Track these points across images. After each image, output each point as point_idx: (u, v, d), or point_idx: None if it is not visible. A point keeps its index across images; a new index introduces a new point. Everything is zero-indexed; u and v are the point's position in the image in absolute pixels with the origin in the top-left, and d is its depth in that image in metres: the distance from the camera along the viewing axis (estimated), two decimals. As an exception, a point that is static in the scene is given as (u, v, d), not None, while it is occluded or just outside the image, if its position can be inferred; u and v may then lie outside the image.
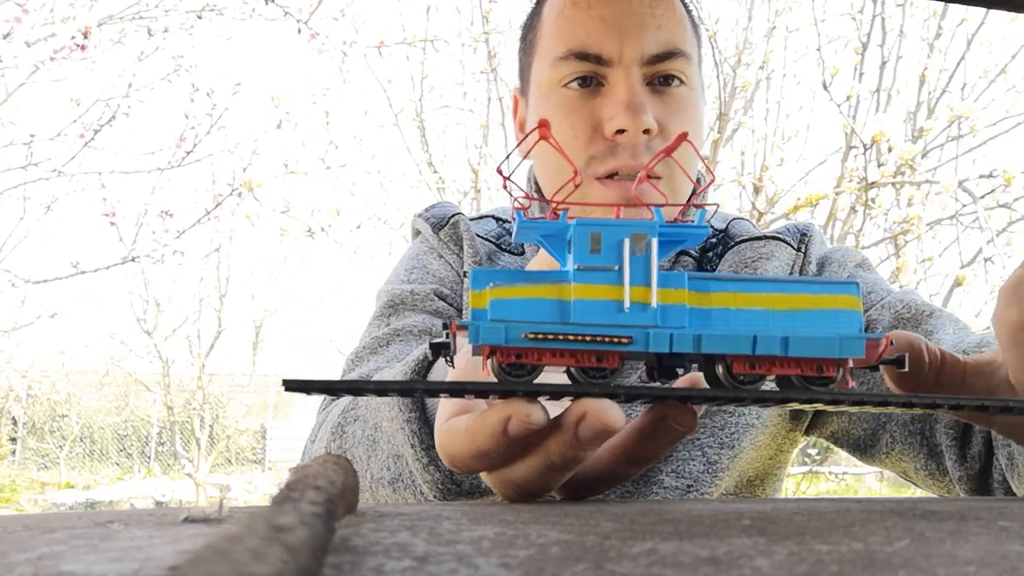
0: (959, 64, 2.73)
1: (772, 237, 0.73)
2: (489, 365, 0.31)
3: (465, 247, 0.75)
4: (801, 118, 3.30)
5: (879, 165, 2.46)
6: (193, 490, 5.60)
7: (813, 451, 4.65)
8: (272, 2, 2.88)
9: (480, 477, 0.51)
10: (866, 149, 2.42)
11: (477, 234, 0.77)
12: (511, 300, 0.30)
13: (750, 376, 0.31)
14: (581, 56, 0.66)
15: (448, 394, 0.31)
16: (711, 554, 0.19)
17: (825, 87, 2.58)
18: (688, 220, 0.33)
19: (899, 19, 2.72)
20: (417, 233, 0.82)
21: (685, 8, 0.70)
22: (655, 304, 0.30)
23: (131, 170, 3.38)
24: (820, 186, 2.61)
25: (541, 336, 0.30)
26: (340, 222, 3.62)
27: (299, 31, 2.94)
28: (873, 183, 2.39)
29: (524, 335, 0.30)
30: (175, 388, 5.95)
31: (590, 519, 0.26)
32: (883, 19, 2.68)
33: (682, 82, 0.67)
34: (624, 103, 0.63)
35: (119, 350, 6.49)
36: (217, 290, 5.58)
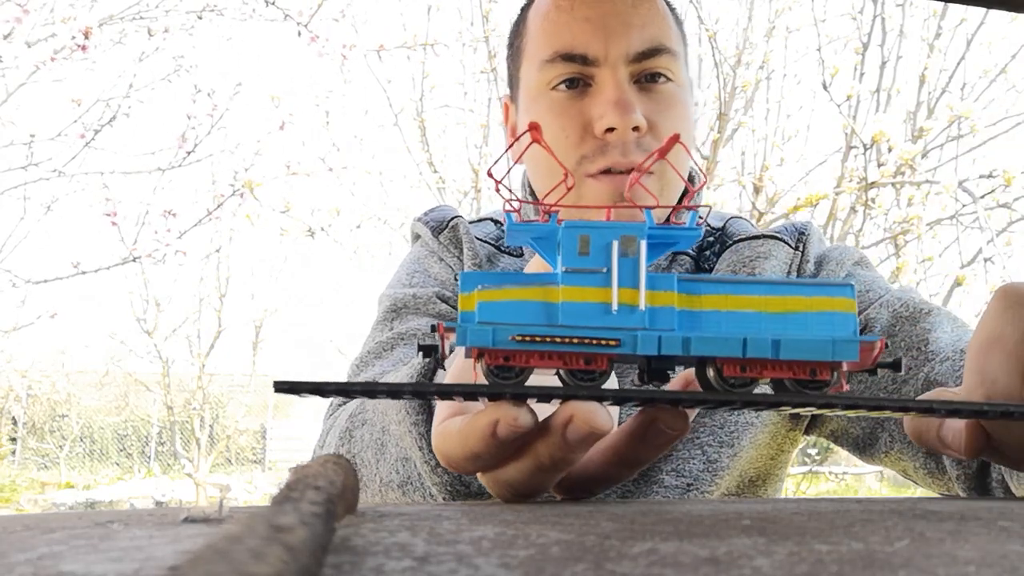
0: (959, 64, 2.73)
1: (770, 236, 0.73)
2: (478, 367, 0.31)
3: (465, 250, 0.76)
4: (801, 118, 3.30)
5: (879, 165, 2.46)
6: (193, 490, 5.60)
7: (813, 451, 4.65)
8: (272, 4, 2.88)
9: None
10: (866, 149, 2.42)
11: (476, 237, 0.78)
12: (499, 303, 0.30)
13: (741, 379, 0.31)
14: (567, 57, 0.66)
15: (437, 396, 0.31)
16: (711, 554, 0.19)
17: (825, 87, 2.58)
18: (680, 222, 0.33)
19: (899, 19, 2.72)
20: (417, 237, 0.83)
21: (668, 6, 0.71)
22: (643, 306, 0.30)
23: (132, 170, 3.38)
24: (820, 186, 2.61)
25: (528, 338, 0.30)
26: (340, 222, 3.62)
27: (299, 34, 2.94)
28: (873, 183, 2.39)
29: (511, 337, 0.30)
30: (175, 388, 5.95)
31: (590, 519, 0.26)
32: (883, 19, 2.68)
33: (669, 79, 0.67)
34: (612, 101, 0.64)
35: (119, 350, 6.49)
36: (217, 290, 5.58)
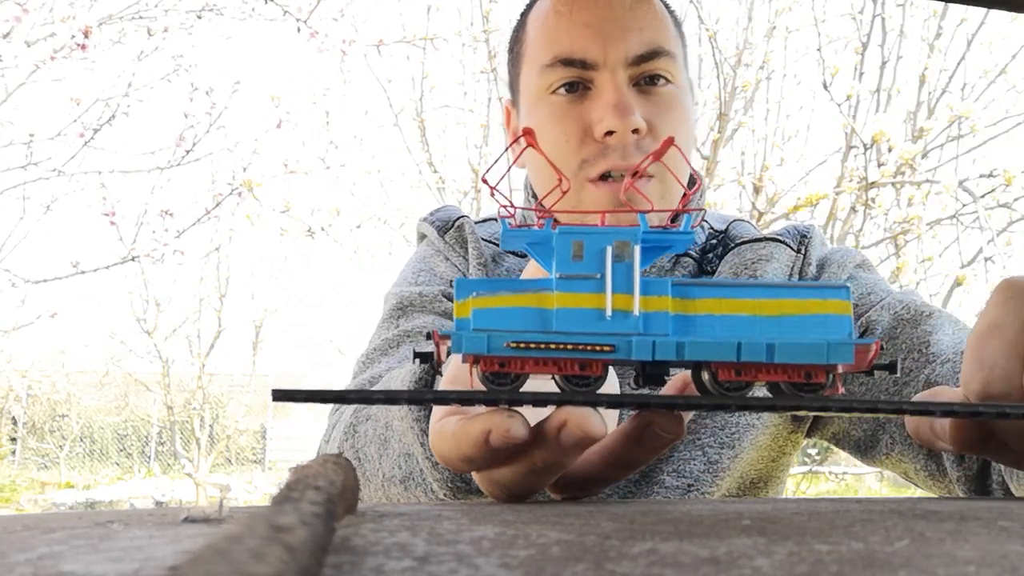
0: (959, 64, 2.73)
1: (772, 239, 0.73)
2: (474, 373, 0.31)
3: (470, 249, 0.76)
4: (801, 118, 3.30)
5: (879, 165, 2.46)
6: (193, 490, 5.60)
7: (813, 451, 4.65)
8: (271, 1, 2.88)
9: None
10: (866, 149, 2.42)
11: (482, 237, 0.78)
12: (493, 309, 0.31)
13: (736, 383, 0.31)
14: (567, 62, 0.66)
15: (433, 403, 0.31)
16: (711, 554, 0.19)
17: (825, 87, 2.59)
18: (677, 225, 0.33)
19: (899, 19, 2.72)
20: (422, 237, 0.83)
21: (667, 8, 0.71)
22: (637, 312, 0.30)
23: (131, 169, 3.38)
24: (820, 186, 2.61)
25: (523, 345, 0.30)
26: (340, 222, 3.62)
27: (298, 30, 2.94)
28: (873, 183, 2.39)
29: (506, 344, 0.30)
30: (175, 388, 5.95)
31: (590, 519, 0.26)
32: (883, 19, 2.68)
33: (668, 81, 0.68)
34: (611, 105, 0.64)
35: (119, 350, 6.48)
36: (217, 290, 5.58)
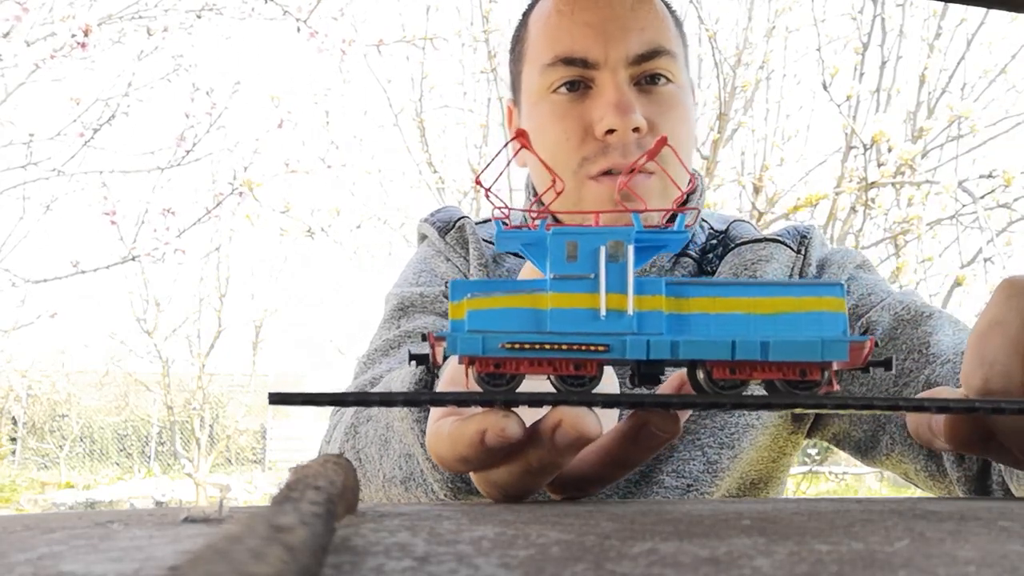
0: (959, 64, 2.73)
1: (772, 239, 0.73)
2: (470, 374, 0.31)
3: (471, 250, 0.76)
4: (801, 118, 3.30)
5: (879, 165, 2.46)
6: (193, 490, 5.60)
7: (813, 451, 4.65)
8: (271, 1, 2.88)
9: None
10: (866, 149, 2.42)
11: (482, 238, 0.78)
12: (488, 311, 0.31)
13: (731, 381, 0.31)
14: (568, 61, 0.67)
15: (429, 404, 0.31)
16: (711, 554, 0.19)
17: (825, 87, 2.58)
18: (673, 225, 0.33)
19: (899, 19, 2.72)
20: (423, 238, 0.83)
21: (668, 8, 0.71)
22: (632, 311, 0.30)
23: (131, 169, 3.38)
24: (820, 186, 2.61)
25: (517, 346, 0.30)
26: (340, 222, 3.62)
27: (298, 30, 2.94)
28: (873, 183, 2.39)
29: (501, 345, 0.30)
30: (175, 388, 5.95)
31: (590, 519, 0.26)
32: (883, 19, 2.67)
33: (669, 80, 0.68)
34: (612, 103, 0.64)
35: (119, 350, 6.48)
36: (217, 290, 5.58)
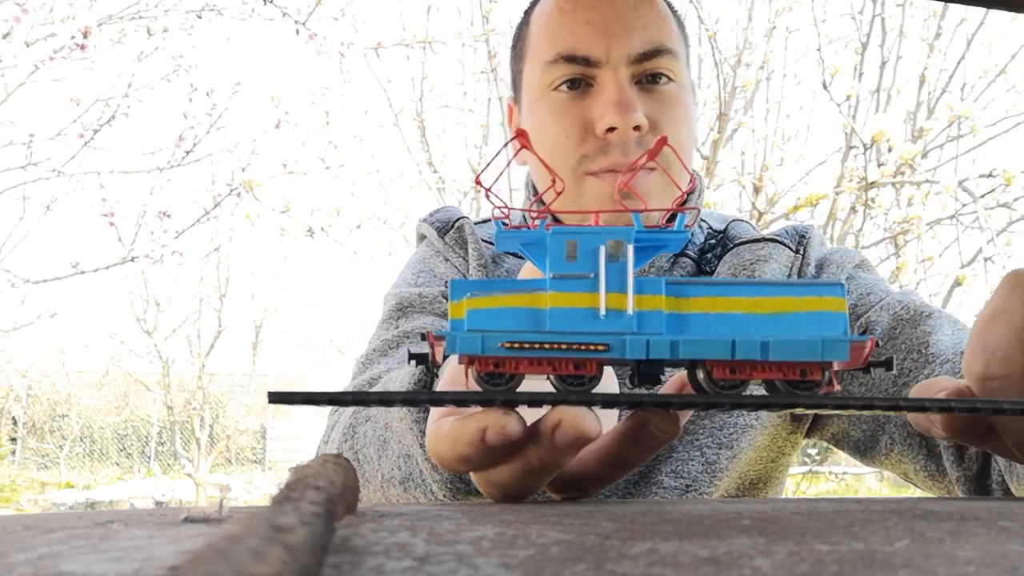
0: (959, 64, 2.73)
1: (770, 239, 0.73)
2: (470, 374, 0.31)
3: (470, 250, 0.76)
4: (801, 118, 3.30)
5: (879, 165, 2.46)
6: (193, 490, 5.60)
7: (813, 451, 4.65)
8: (270, 2, 2.88)
9: None
10: (866, 149, 2.42)
11: (481, 238, 0.78)
12: (488, 310, 0.31)
13: (731, 381, 0.31)
14: (569, 59, 0.67)
15: (428, 404, 0.31)
16: (711, 554, 0.19)
17: (825, 87, 2.58)
18: (673, 225, 0.33)
19: (899, 19, 2.72)
20: (422, 238, 0.83)
21: (670, 8, 0.71)
22: (631, 311, 0.30)
23: (130, 170, 3.38)
24: (820, 186, 2.60)
25: (516, 345, 0.30)
26: (340, 222, 3.62)
27: (297, 32, 2.94)
28: (873, 183, 2.39)
29: (500, 344, 0.30)
30: (175, 388, 5.95)
31: (590, 519, 0.26)
32: (883, 19, 2.67)
33: (670, 79, 0.68)
34: (613, 102, 0.64)
35: (119, 350, 6.49)
36: (217, 290, 5.58)
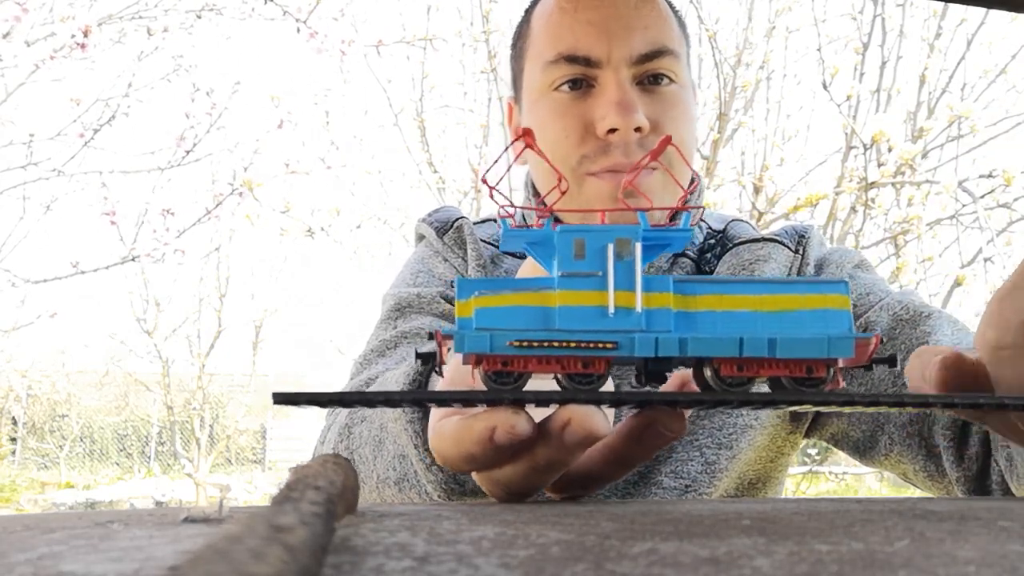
0: (959, 64, 2.73)
1: (770, 239, 0.73)
2: (476, 373, 0.31)
3: (469, 250, 0.76)
4: (801, 118, 3.30)
5: (879, 165, 2.46)
6: (193, 490, 5.60)
7: (813, 451, 4.65)
8: (271, 1, 2.88)
9: None
10: (866, 149, 2.42)
11: (480, 238, 0.78)
12: (496, 308, 0.30)
13: (738, 379, 0.31)
14: (570, 59, 0.67)
15: (435, 404, 0.31)
16: (711, 554, 0.19)
17: (825, 87, 2.58)
18: (677, 224, 0.33)
19: (899, 19, 2.72)
20: (421, 238, 0.83)
21: (671, 8, 0.71)
22: (640, 309, 0.30)
23: (131, 170, 3.38)
24: (820, 186, 2.60)
25: (525, 344, 0.30)
26: (340, 222, 3.62)
27: (298, 30, 2.94)
28: (873, 183, 2.39)
29: (509, 343, 0.30)
30: (175, 388, 5.95)
31: (590, 519, 0.26)
32: (883, 19, 2.67)
33: (671, 80, 0.68)
34: (615, 102, 0.64)
35: (119, 350, 6.49)
36: (217, 290, 5.58)
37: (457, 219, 0.79)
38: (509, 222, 0.33)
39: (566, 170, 0.67)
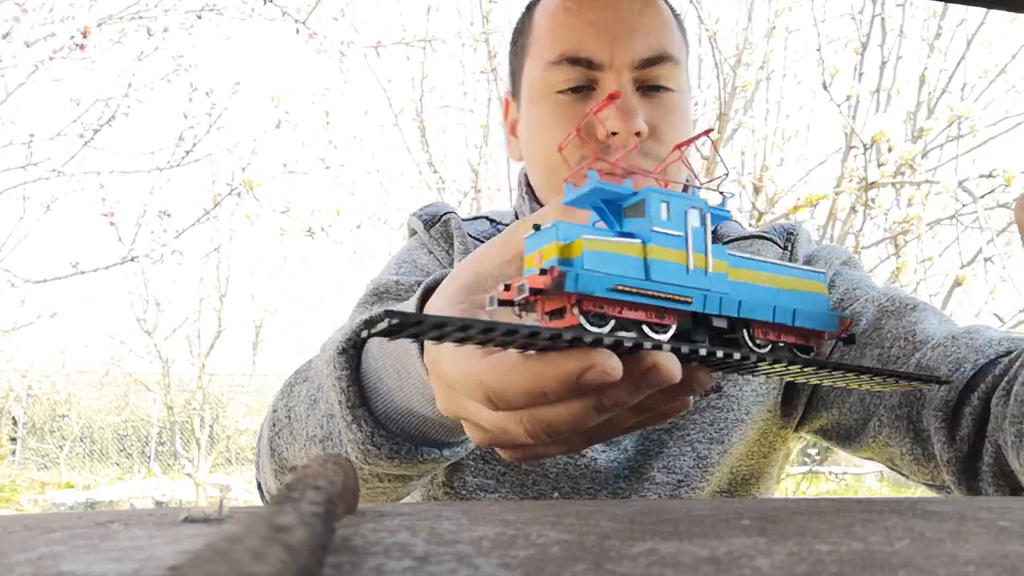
0: (959, 64, 2.73)
1: (759, 236, 0.75)
2: (573, 311, 0.31)
3: (455, 244, 0.76)
4: (801, 118, 3.29)
5: (879, 165, 2.46)
6: (193, 490, 5.60)
7: (813, 451, 4.65)
8: (270, 2, 2.87)
9: (396, 444, 0.50)
10: (866, 149, 2.42)
11: (469, 234, 0.79)
12: (602, 253, 0.32)
13: (765, 342, 0.36)
14: (573, 60, 0.67)
15: (550, 341, 0.29)
16: (711, 554, 0.19)
17: (825, 87, 2.58)
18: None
19: (899, 19, 2.71)
20: (413, 232, 0.84)
21: (672, 12, 0.71)
22: (711, 270, 0.34)
23: (130, 170, 3.38)
24: (820, 186, 2.60)
25: (625, 289, 0.31)
26: (340, 222, 3.62)
27: (297, 31, 2.94)
28: (873, 183, 2.39)
29: (612, 287, 0.31)
30: (175, 388, 5.95)
31: (590, 519, 0.26)
32: (883, 19, 2.67)
33: (671, 88, 0.68)
34: (616, 106, 0.64)
35: (119, 350, 6.49)
36: (217, 290, 5.58)
37: (445, 213, 0.79)
38: (597, 174, 0.34)
39: (564, 170, 0.67)
